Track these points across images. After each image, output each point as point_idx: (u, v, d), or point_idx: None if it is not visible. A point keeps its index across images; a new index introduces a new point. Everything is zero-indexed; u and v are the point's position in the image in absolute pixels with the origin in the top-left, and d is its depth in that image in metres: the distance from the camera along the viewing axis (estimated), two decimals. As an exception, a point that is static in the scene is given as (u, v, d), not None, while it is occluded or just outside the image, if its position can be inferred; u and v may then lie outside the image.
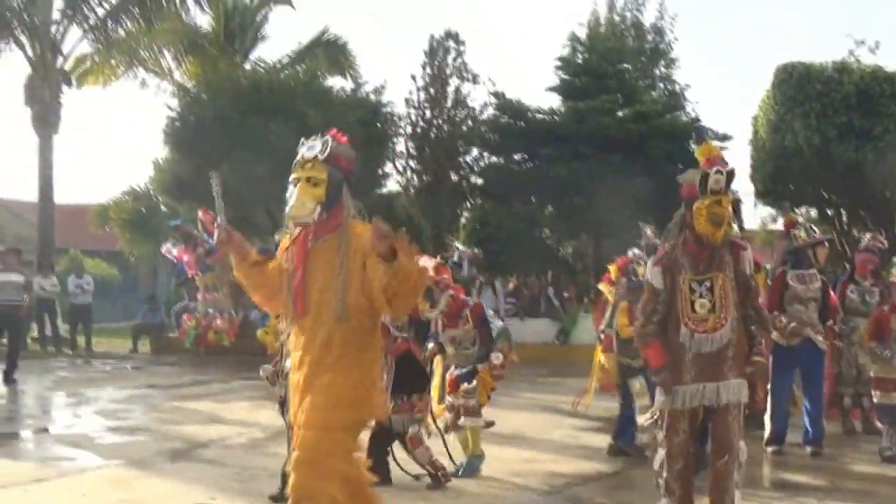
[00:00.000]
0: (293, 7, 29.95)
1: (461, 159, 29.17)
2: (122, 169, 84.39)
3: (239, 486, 8.10)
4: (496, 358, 8.57)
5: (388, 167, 28.23)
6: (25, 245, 25.41)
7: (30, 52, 25.43)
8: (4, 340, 17.01)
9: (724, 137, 25.45)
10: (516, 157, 26.37)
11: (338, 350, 5.07)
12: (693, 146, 6.73)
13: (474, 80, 29.94)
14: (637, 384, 9.37)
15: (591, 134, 23.29)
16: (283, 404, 7.33)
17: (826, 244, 10.79)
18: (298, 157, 5.31)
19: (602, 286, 10.78)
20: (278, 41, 68.18)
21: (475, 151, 28.64)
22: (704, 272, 6.35)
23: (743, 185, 26.93)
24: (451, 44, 30.30)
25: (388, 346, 8.05)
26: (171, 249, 17.94)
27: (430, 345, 8.71)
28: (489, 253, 24.42)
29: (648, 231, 10.17)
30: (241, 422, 11.87)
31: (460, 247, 14.18)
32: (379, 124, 26.08)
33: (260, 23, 30.01)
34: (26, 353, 19.23)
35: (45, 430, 12.05)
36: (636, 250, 10.20)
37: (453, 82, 30.10)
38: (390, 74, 53.86)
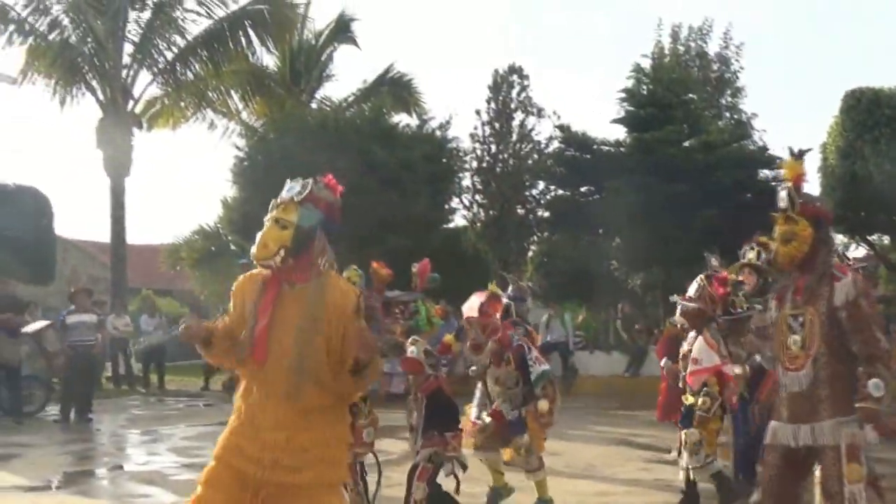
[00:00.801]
0: (358, 46, 30.28)
1: (527, 193, 29.23)
2: (192, 208, 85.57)
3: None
4: (543, 406, 8.29)
5: (455, 202, 28.35)
6: (99, 285, 25.86)
7: (101, 96, 25.90)
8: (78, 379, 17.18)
9: (793, 165, 25.20)
10: (583, 189, 26.28)
11: (302, 405, 4.77)
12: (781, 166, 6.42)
13: (539, 113, 30.08)
14: (694, 435, 8.56)
15: (658, 164, 23.15)
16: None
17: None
18: (278, 197, 5.02)
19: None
20: (344, 79, 68.67)
21: (541, 185, 28.67)
22: (800, 306, 5.99)
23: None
24: (516, 78, 30.50)
25: (419, 383, 8.04)
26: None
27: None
28: (557, 286, 24.38)
29: (714, 261, 10.01)
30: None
31: (515, 281, 14.09)
32: (445, 160, 26.18)
33: (325, 62, 30.36)
34: (100, 392, 19.48)
35: (120, 467, 12.16)
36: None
37: (518, 116, 30.28)
38: (455, 108, 54.03)
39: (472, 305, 8.77)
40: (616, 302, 26.15)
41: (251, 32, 26.25)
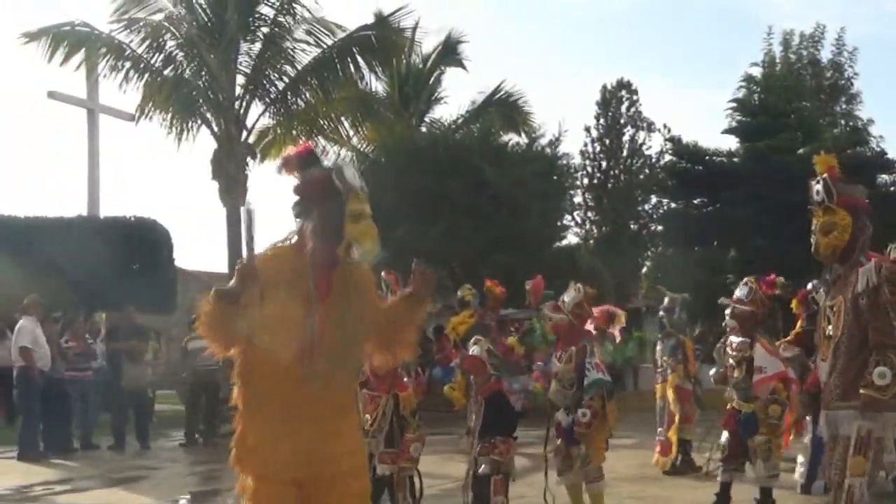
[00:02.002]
0: (465, 69, 30.39)
1: (639, 208, 29.03)
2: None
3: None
4: (583, 415, 7.96)
5: (567, 219, 28.24)
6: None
7: (215, 128, 26.37)
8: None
9: (911, 169, 24.62)
10: (696, 201, 26.01)
11: (336, 393, 4.48)
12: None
13: (649, 127, 29.91)
14: (766, 443, 8.40)
15: (772, 173, 22.79)
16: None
17: None
18: (356, 187, 4.53)
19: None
20: (453, 100, 69.12)
21: (653, 199, 28.48)
22: (834, 296, 6.00)
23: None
24: (624, 93, 30.36)
25: (479, 385, 7.93)
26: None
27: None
28: (673, 300, 24.10)
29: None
30: (431, 474, 11.88)
31: (669, 293, 13.85)
32: (556, 177, 26.13)
33: (433, 85, 30.53)
34: (224, 417, 19.78)
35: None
36: (815, 281, 9.85)
37: (628, 131, 30.13)
38: (565, 124, 53.86)
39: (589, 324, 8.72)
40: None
41: (359, 59, 26.44)
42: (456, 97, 77.18)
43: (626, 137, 30.10)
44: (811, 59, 33.61)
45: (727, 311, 8.97)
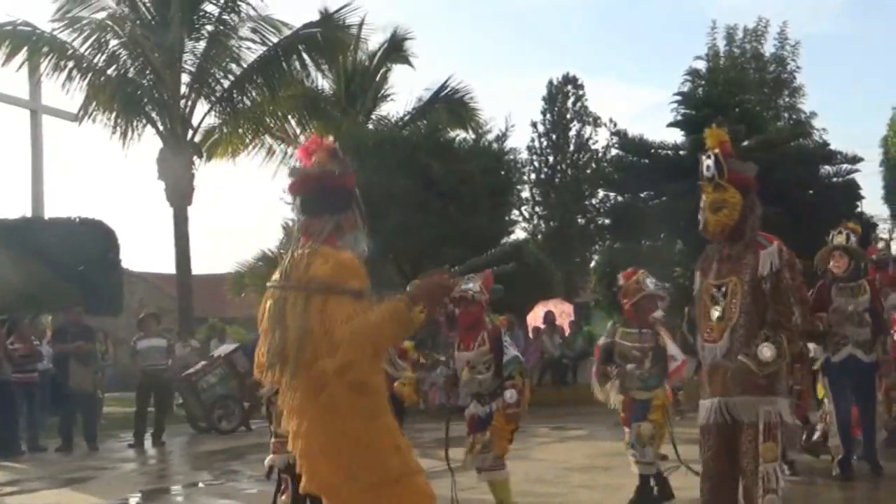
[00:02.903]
0: (412, 66, 30.36)
1: (587, 202, 29.17)
2: (254, 235, 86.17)
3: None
4: (510, 396, 7.69)
5: (515, 214, 28.31)
6: (166, 317, 26.03)
7: (160, 127, 26.19)
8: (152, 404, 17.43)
9: (855, 160, 24.92)
10: (642, 194, 26.15)
11: None
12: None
13: (595, 122, 30.05)
14: (647, 429, 8.23)
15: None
16: None
17: None
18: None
19: None
20: (401, 97, 69.06)
21: (601, 193, 28.61)
22: (724, 276, 5.84)
23: (877, 209, 26.32)
24: (570, 88, 30.49)
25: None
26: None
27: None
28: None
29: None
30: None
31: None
32: (503, 172, 26.18)
33: (380, 82, 30.47)
34: (173, 419, 19.65)
35: (195, 484, 12.29)
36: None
37: (574, 126, 30.26)
38: (511, 119, 54.04)
39: (537, 315, 8.73)
40: (682, 306, 25.92)
41: (305, 56, 26.38)
42: (403, 94, 77.02)
43: (572, 132, 30.25)
44: (754, 52, 33.97)
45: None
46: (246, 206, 78.82)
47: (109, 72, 25.50)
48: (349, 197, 4.56)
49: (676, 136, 26.17)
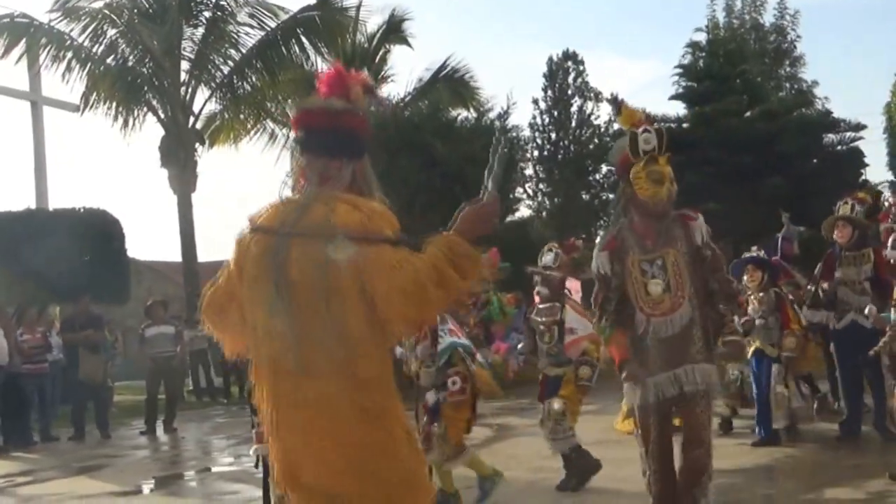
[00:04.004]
0: (410, 46, 30.30)
1: (591, 178, 29.13)
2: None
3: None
4: (452, 383, 7.57)
5: (519, 192, 28.27)
6: (174, 305, 26.08)
7: (162, 115, 26.19)
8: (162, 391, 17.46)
9: (858, 127, 24.88)
10: (646, 169, 26.11)
11: None
12: (615, 118, 6.24)
13: (597, 98, 29.96)
14: (556, 405, 8.22)
15: (720, 137, 22.99)
16: None
17: None
18: None
19: None
20: (402, 78, 68.75)
21: (604, 168, 28.56)
22: (654, 250, 5.79)
23: (882, 176, 26.25)
24: (571, 64, 30.41)
25: None
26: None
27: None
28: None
29: (784, 218, 9.94)
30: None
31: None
32: (506, 150, 26.12)
33: (380, 64, 30.41)
34: (183, 404, 19.71)
35: (208, 469, 12.35)
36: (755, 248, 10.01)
37: (576, 102, 30.19)
38: (513, 96, 53.88)
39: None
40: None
41: (304, 40, 26.39)
42: (403, 75, 76.80)
43: (574, 108, 30.13)
44: (754, 23, 33.87)
45: (536, 279, 8.88)
46: (250, 192, 78.76)
47: (109, 61, 25.51)
48: (366, 142, 3.89)
49: (679, 110, 26.13)
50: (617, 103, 6.08)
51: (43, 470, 12.93)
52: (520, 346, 9.31)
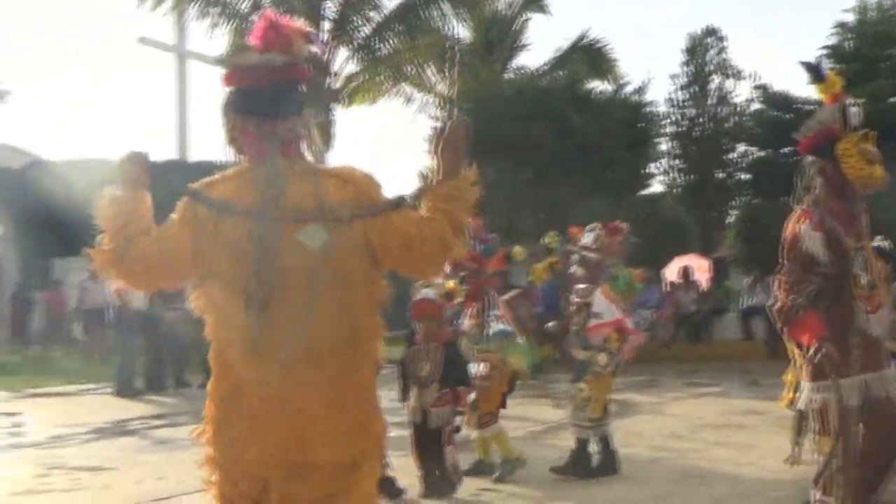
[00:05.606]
0: (548, 14, 30.20)
1: (726, 157, 28.72)
2: (392, 184, 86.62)
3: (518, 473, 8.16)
4: (483, 367, 7.94)
5: (653, 167, 28.06)
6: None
7: (303, 74, 26.57)
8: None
9: None
10: (785, 150, 25.60)
11: None
12: (814, 86, 5.62)
13: (737, 75, 29.47)
14: (584, 391, 8.03)
15: (865, 122, 22.35)
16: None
17: None
18: None
19: None
20: (538, 48, 68.55)
21: (741, 147, 28.13)
22: (861, 238, 5.26)
23: None
24: (711, 40, 29.95)
25: (431, 331, 7.65)
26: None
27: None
28: (759, 250, 23.84)
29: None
30: (518, 417, 11.99)
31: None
32: (641, 125, 25.93)
33: (518, 31, 30.39)
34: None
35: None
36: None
37: (715, 79, 29.74)
38: (651, 72, 53.48)
39: (673, 270, 8.62)
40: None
41: (444, 5, 26.48)
42: (540, 44, 76.75)
43: (712, 85, 29.67)
44: (907, 4, 32.79)
45: (573, 258, 8.66)
46: (385, 154, 79.41)
47: (253, 18, 25.92)
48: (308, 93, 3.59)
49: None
50: (815, 69, 5.66)
51: (176, 414, 13.30)
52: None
